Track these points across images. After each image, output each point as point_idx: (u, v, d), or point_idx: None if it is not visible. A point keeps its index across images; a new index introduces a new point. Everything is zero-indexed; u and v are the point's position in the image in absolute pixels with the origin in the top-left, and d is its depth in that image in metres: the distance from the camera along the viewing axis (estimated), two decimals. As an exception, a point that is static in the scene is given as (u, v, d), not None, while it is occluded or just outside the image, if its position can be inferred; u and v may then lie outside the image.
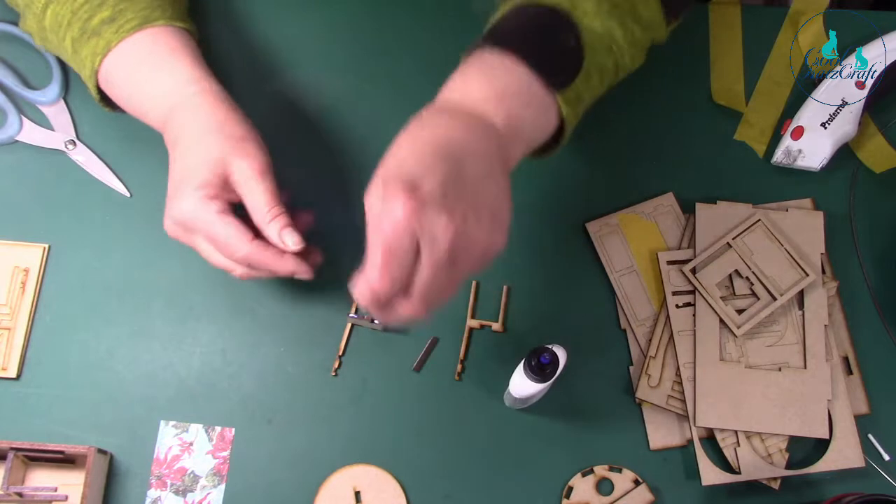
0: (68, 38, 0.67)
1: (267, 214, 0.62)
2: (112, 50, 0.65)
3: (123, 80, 0.66)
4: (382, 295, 0.53)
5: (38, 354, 0.71)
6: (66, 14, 0.66)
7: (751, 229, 0.75)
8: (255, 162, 0.62)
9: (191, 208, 0.61)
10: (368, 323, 0.72)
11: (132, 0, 0.66)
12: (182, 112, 0.64)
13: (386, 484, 0.70)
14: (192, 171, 0.62)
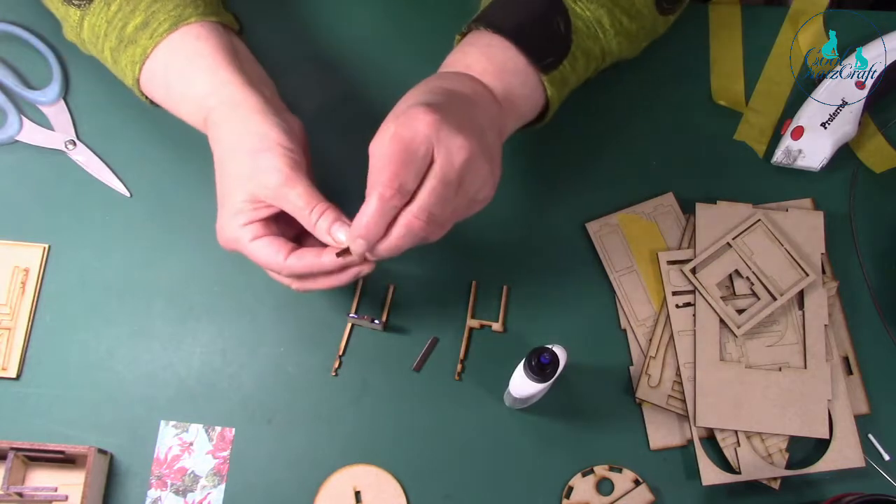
0: (107, 49, 0.66)
1: (310, 217, 0.60)
2: (149, 56, 0.64)
3: (162, 90, 0.66)
4: (389, 203, 0.55)
5: (38, 354, 0.71)
6: (102, 25, 0.66)
7: (751, 229, 0.75)
8: (278, 174, 0.60)
9: (229, 235, 0.62)
10: (368, 323, 0.72)
11: (162, 0, 0.65)
12: (212, 128, 0.63)
13: (386, 484, 0.70)
14: (227, 196, 0.61)
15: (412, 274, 0.75)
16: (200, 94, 0.64)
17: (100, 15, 0.65)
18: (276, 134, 0.61)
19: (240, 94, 0.63)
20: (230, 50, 0.66)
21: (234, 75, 0.64)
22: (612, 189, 0.77)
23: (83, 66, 0.76)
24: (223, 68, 0.64)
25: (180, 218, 0.75)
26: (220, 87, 0.63)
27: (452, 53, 0.65)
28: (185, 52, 0.64)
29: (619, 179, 0.78)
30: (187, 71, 0.64)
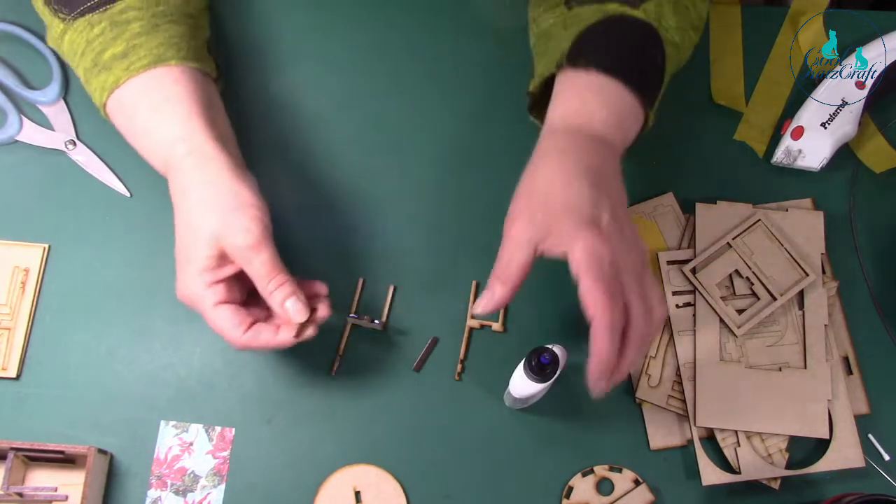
0: (81, 68, 0.67)
1: (268, 286, 0.62)
2: (120, 86, 0.64)
3: (126, 120, 0.66)
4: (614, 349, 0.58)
5: (38, 354, 0.71)
6: (81, 43, 0.66)
7: (751, 229, 0.75)
8: (248, 235, 0.60)
9: (192, 292, 0.62)
10: (368, 323, 0.72)
11: (148, 35, 0.65)
12: (177, 173, 0.63)
13: (386, 484, 0.70)
14: (192, 249, 0.61)
15: (412, 274, 0.75)
16: (170, 137, 0.63)
17: (81, 33, 0.65)
18: (248, 194, 0.62)
19: (211, 148, 0.63)
20: (204, 101, 0.66)
21: (206, 127, 0.64)
22: (612, 189, 0.77)
23: (83, 66, 0.76)
24: (196, 117, 0.64)
25: (180, 218, 0.75)
26: (190, 134, 0.63)
27: (568, 98, 0.65)
28: (159, 92, 0.64)
29: (619, 179, 0.78)
30: (159, 110, 0.64)
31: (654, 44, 0.66)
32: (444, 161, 0.78)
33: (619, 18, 0.66)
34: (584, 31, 0.66)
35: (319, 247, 0.75)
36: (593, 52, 0.65)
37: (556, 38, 0.68)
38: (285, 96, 0.79)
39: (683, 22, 0.68)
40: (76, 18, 0.66)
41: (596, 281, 0.57)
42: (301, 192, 0.77)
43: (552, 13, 0.70)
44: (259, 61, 0.80)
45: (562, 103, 0.65)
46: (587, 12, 0.67)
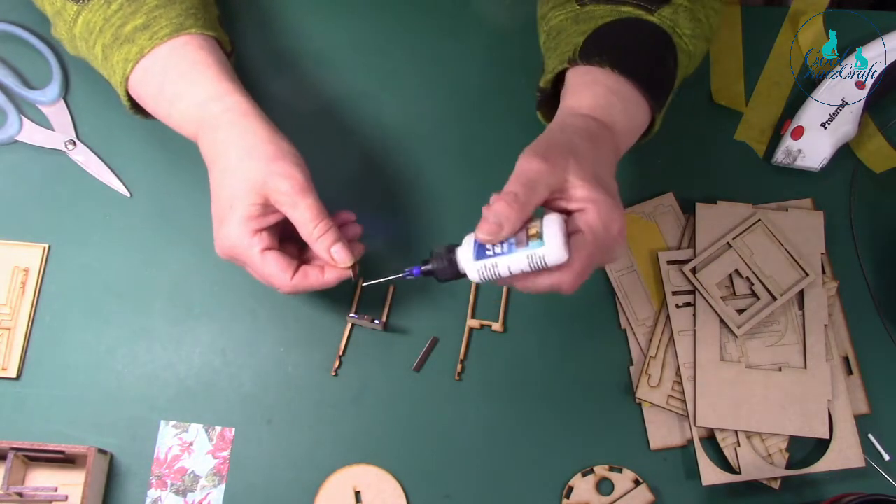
0: (99, 45, 0.66)
1: (314, 231, 0.62)
2: (145, 56, 0.64)
3: (154, 88, 0.66)
4: (578, 285, 0.57)
5: (38, 354, 0.71)
6: (99, 21, 0.66)
7: (751, 229, 0.75)
8: (293, 181, 0.61)
9: (236, 242, 0.62)
10: (368, 323, 0.72)
11: (167, 7, 0.66)
12: (214, 131, 0.63)
13: (386, 484, 0.70)
14: (236, 198, 0.61)
15: (412, 274, 0.75)
16: (203, 98, 0.64)
17: (97, 12, 0.66)
18: (288, 144, 0.63)
19: (247, 104, 0.64)
20: (227, 64, 0.67)
21: (238, 88, 0.65)
22: (612, 189, 0.77)
23: (83, 66, 0.76)
24: (226, 79, 0.65)
25: (180, 218, 0.75)
26: (224, 94, 0.64)
27: (581, 92, 0.64)
28: (187, 58, 0.65)
29: (619, 179, 0.77)
30: (189, 74, 0.64)
31: (668, 50, 0.66)
32: (445, 160, 0.78)
33: (634, 21, 0.66)
34: (598, 28, 0.66)
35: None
36: (608, 50, 0.64)
37: (566, 33, 0.68)
38: (285, 96, 0.79)
39: (697, 31, 0.68)
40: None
41: (595, 244, 0.56)
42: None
43: (562, 9, 0.70)
44: (259, 61, 0.80)
45: (574, 96, 0.64)
46: (601, 11, 0.67)
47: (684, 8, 0.67)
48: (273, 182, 0.61)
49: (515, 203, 0.55)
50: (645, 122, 0.66)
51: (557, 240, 0.55)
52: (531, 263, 0.55)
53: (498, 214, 0.55)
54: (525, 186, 0.56)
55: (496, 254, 0.56)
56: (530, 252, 0.55)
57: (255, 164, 0.61)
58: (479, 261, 0.57)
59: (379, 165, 0.78)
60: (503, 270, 0.56)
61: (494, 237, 0.56)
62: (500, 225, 0.55)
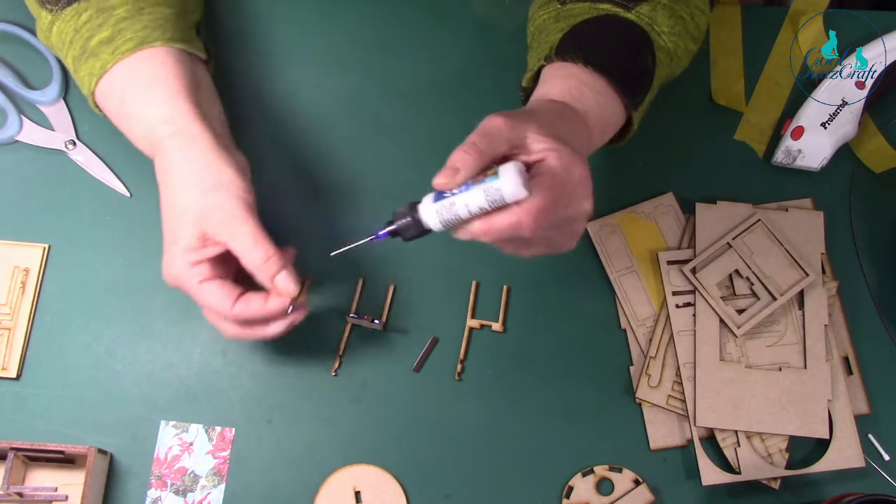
0: (70, 57, 0.67)
1: (254, 259, 0.60)
2: (107, 72, 0.64)
3: (114, 106, 0.65)
4: (540, 231, 0.55)
5: (38, 354, 0.71)
6: (69, 32, 0.66)
7: (751, 229, 0.75)
8: (228, 212, 0.60)
9: (177, 273, 0.61)
10: (368, 323, 0.72)
11: (133, 19, 0.65)
12: (162, 155, 0.63)
13: (386, 484, 0.70)
14: (176, 231, 0.61)
15: (412, 274, 0.75)
16: (154, 120, 0.63)
17: (69, 22, 0.65)
18: (229, 173, 0.61)
19: (194, 128, 0.63)
20: (191, 80, 0.65)
21: (191, 106, 0.64)
22: (612, 189, 0.77)
23: (83, 66, 0.76)
24: (180, 97, 0.64)
25: (180, 218, 0.75)
26: (175, 116, 0.63)
27: (554, 85, 0.64)
28: (144, 75, 0.64)
29: (619, 179, 0.78)
30: (144, 93, 0.64)
31: (645, 47, 0.66)
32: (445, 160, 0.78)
33: (611, 18, 0.66)
34: (574, 26, 0.66)
35: (319, 246, 0.75)
36: (582, 47, 0.65)
37: (546, 31, 0.69)
38: (285, 96, 0.79)
39: (678, 28, 0.68)
40: (63, 8, 0.66)
41: (555, 184, 0.55)
42: (301, 192, 0.77)
43: (546, 9, 0.71)
44: (259, 61, 0.80)
45: (545, 86, 0.64)
46: (579, 9, 0.67)
47: (663, 6, 0.67)
48: (208, 215, 0.60)
49: (472, 149, 0.55)
50: (619, 118, 0.66)
51: (512, 173, 0.54)
52: (488, 198, 0.54)
53: (453, 160, 0.55)
54: (483, 136, 0.55)
55: (452, 194, 0.55)
56: (486, 186, 0.54)
57: (191, 195, 0.61)
58: (436, 203, 0.56)
59: (379, 165, 0.78)
60: (461, 210, 0.55)
61: (451, 180, 0.54)
62: (455, 168, 0.54)
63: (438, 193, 0.56)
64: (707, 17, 0.71)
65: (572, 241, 0.60)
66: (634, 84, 0.65)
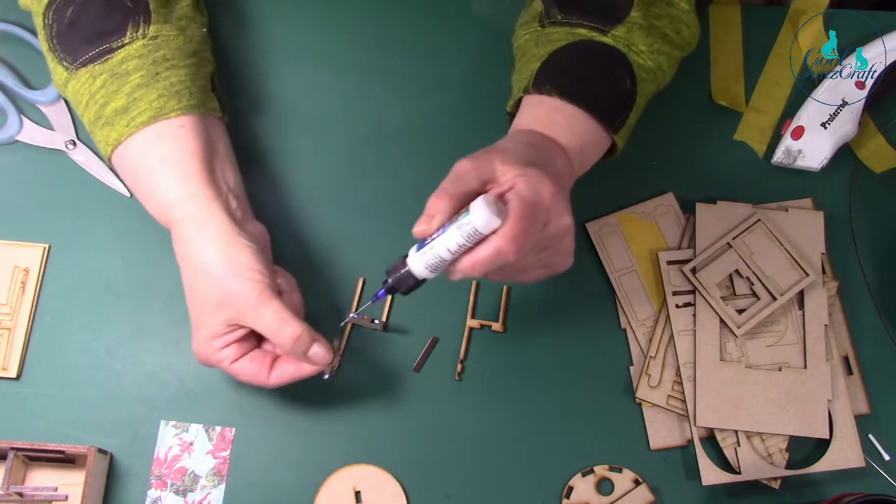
0: (85, 118, 0.66)
1: (285, 341, 0.61)
2: (122, 143, 0.64)
3: (130, 177, 0.66)
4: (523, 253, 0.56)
5: (38, 354, 0.71)
6: (84, 95, 0.65)
7: (751, 229, 0.75)
8: (249, 298, 0.60)
9: (207, 358, 0.63)
10: (368, 323, 0.72)
11: (148, 87, 0.64)
12: (176, 236, 0.63)
13: (386, 484, 0.70)
14: (200, 317, 0.62)
15: (412, 274, 0.75)
16: (167, 201, 0.63)
17: (84, 84, 0.65)
18: (246, 257, 0.61)
19: (208, 210, 0.62)
20: (206, 152, 0.65)
21: (205, 186, 0.63)
22: (612, 189, 0.77)
23: (83, 66, 0.76)
24: (193, 178, 0.63)
25: (180, 218, 0.75)
26: (187, 198, 0.63)
27: (531, 113, 0.65)
28: (158, 152, 0.64)
29: (619, 179, 0.78)
30: (157, 173, 0.63)
31: (623, 69, 0.66)
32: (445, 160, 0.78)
33: (586, 44, 0.66)
34: (551, 54, 0.67)
35: (319, 247, 0.75)
36: (558, 78, 0.65)
37: (527, 56, 0.69)
38: (285, 96, 0.79)
39: (657, 45, 0.68)
40: (78, 68, 0.65)
41: (525, 206, 0.56)
42: (301, 192, 0.77)
43: (527, 29, 0.71)
44: (259, 61, 0.80)
45: (519, 117, 0.66)
46: (557, 34, 0.68)
47: (639, 26, 0.67)
48: (231, 303, 0.61)
49: (444, 193, 0.57)
50: (601, 140, 0.66)
51: (481, 205, 0.55)
52: (463, 234, 0.56)
53: (428, 207, 0.57)
54: (452, 180, 0.57)
55: (432, 239, 0.58)
56: (459, 223, 0.56)
57: (211, 284, 0.61)
58: (419, 251, 0.59)
59: (379, 166, 0.78)
60: (442, 252, 0.57)
61: (428, 226, 0.57)
62: (430, 216, 0.57)
63: (421, 242, 0.59)
64: (695, 27, 0.71)
65: (567, 258, 0.62)
66: (612, 108, 0.66)
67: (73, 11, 0.65)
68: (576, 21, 0.67)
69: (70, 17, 0.64)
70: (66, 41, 0.65)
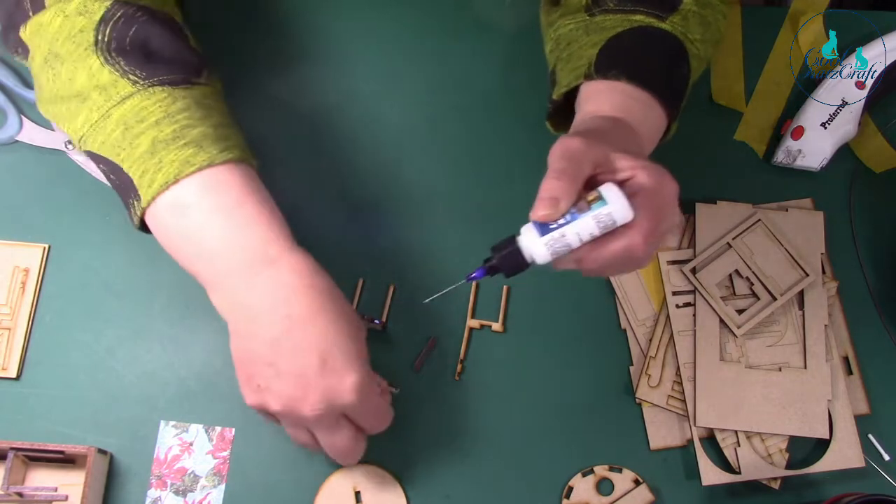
0: (147, 136, 0.59)
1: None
2: (214, 165, 0.58)
3: (215, 201, 0.58)
4: (649, 250, 0.55)
5: (38, 354, 0.71)
6: (157, 112, 0.59)
7: (751, 229, 0.75)
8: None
9: (365, 388, 0.58)
10: (368, 323, 0.72)
11: (229, 127, 0.61)
12: (294, 269, 0.58)
13: (386, 484, 0.70)
14: (345, 343, 0.58)
15: (412, 274, 0.75)
16: (277, 234, 0.59)
17: (159, 103, 0.59)
18: (349, 309, 0.60)
19: (306, 253, 0.60)
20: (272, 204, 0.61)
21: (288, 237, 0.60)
22: (612, 189, 0.77)
23: (83, 66, 0.76)
24: (280, 226, 0.60)
25: (180, 218, 0.75)
26: (289, 237, 0.60)
27: (607, 99, 0.63)
28: (262, 187, 0.61)
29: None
30: (269, 202, 0.60)
31: (681, 57, 0.66)
32: (445, 160, 0.78)
33: (647, 30, 0.65)
34: (610, 39, 0.65)
35: (319, 246, 0.75)
36: (623, 63, 0.63)
37: (577, 44, 0.67)
38: (285, 96, 0.79)
39: (707, 35, 0.67)
40: (154, 86, 0.59)
41: (654, 203, 0.55)
42: (301, 192, 0.77)
43: (572, 19, 0.69)
44: (259, 61, 0.80)
45: (594, 103, 0.63)
46: (612, 21, 0.66)
47: (693, 13, 0.66)
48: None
49: (564, 176, 0.54)
50: (662, 129, 0.65)
51: (620, 196, 0.54)
52: (599, 224, 0.54)
53: (550, 190, 0.53)
54: (570, 161, 0.54)
55: (560, 225, 0.55)
56: (596, 212, 0.54)
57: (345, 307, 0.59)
58: (544, 236, 0.55)
59: (379, 166, 0.78)
60: (572, 239, 0.55)
61: (553, 211, 0.54)
62: (555, 199, 0.53)
63: (542, 226, 0.55)
64: (727, 20, 0.70)
65: (651, 256, 0.60)
66: (675, 95, 0.65)
67: (137, 31, 0.60)
68: (631, 8, 0.66)
69: (134, 36, 0.60)
70: (130, 56, 0.60)
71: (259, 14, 0.81)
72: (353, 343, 0.58)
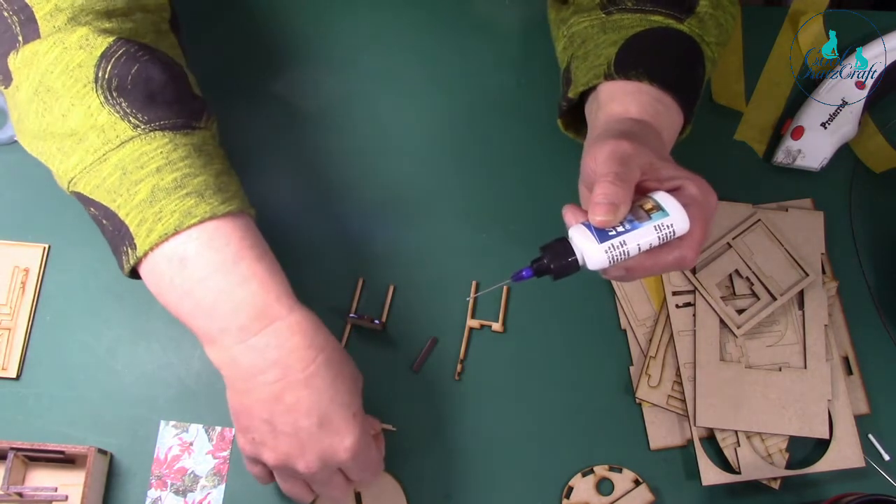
0: (147, 184, 0.57)
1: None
2: (217, 218, 0.57)
3: (216, 253, 0.57)
4: (696, 261, 0.56)
5: (38, 354, 0.71)
6: (158, 158, 0.58)
7: (751, 229, 0.75)
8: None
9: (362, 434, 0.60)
10: (368, 323, 0.72)
11: (229, 176, 0.60)
12: (297, 329, 0.58)
13: (386, 484, 0.70)
14: (346, 397, 0.60)
15: (412, 274, 0.75)
16: (282, 292, 0.59)
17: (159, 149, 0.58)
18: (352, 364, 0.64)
19: (306, 310, 0.61)
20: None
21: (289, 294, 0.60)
22: (612, 189, 0.77)
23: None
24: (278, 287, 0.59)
25: (180, 218, 0.75)
26: (285, 312, 0.59)
27: (634, 101, 0.62)
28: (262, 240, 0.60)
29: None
30: (269, 256, 0.60)
31: (698, 60, 0.65)
32: (445, 160, 0.78)
33: (665, 31, 0.65)
34: (629, 39, 0.64)
35: (319, 247, 0.75)
36: (643, 63, 0.63)
37: (593, 42, 0.67)
38: (285, 96, 0.79)
39: (721, 38, 0.67)
40: (154, 130, 0.57)
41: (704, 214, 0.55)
42: (301, 192, 0.77)
43: (586, 16, 0.68)
44: (259, 61, 0.80)
45: (619, 104, 0.62)
46: (629, 20, 0.66)
47: (710, 15, 0.66)
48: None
49: (620, 181, 0.53)
50: (678, 131, 0.65)
51: (680, 208, 0.54)
52: (660, 235, 0.54)
53: (608, 195, 0.53)
54: (622, 165, 0.54)
55: (620, 232, 0.54)
56: (657, 223, 0.54)
57: (350, 363, 0.62)
58: (604, 242, 0.54)
59: (379, 166, 0.78)
60: (632, 247, 0.54)
61: (613, 216, 0.53)
62: (615, 204, 0.53)
63: (598, 231, 0.54)
64: (736, 21, 0.70)
65: None
66: (692, 97, 0.65)
67: (139, 71, 0.58)
68: (650, 8, 0.65)
69: (136, 75, 0.58)
70: (132, 97, 0.58)
71: (259, 14, 0.81)
72: (350, 401, 0.59)
